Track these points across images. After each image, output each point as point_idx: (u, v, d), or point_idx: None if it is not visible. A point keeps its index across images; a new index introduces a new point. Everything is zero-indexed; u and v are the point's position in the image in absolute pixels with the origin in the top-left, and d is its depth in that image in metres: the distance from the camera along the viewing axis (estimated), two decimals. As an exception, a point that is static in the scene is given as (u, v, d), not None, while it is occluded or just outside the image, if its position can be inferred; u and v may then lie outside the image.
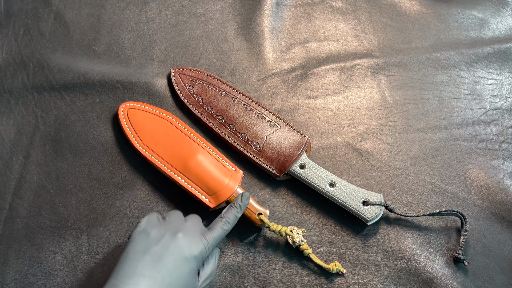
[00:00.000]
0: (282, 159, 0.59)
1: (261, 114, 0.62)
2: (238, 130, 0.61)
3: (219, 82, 0.64)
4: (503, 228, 0.59)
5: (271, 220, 0.58)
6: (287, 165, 0.58)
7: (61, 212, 0.59)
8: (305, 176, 0.58)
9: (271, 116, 0.62)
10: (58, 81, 0.66)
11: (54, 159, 0.62)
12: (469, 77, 0.69)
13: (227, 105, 0.62)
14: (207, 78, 0.64)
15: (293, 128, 0.61)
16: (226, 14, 0.73)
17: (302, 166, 0.58)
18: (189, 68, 0.65)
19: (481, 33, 0.72)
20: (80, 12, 0.71)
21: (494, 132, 0.65)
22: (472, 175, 0.62)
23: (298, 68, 0.69)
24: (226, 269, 0.56)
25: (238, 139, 0.61)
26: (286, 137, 0.60)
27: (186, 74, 0.65)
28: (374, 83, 0.68)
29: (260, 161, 0.60)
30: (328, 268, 0.55)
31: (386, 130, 0.65)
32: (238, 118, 0.61)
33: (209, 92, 0.63)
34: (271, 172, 0.59)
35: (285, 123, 0.61)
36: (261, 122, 0.61)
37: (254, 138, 0.60)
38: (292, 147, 0.59)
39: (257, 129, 0.61)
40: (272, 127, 0.61)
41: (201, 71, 0.65)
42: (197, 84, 0.64)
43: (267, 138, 0.60)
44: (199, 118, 0.62)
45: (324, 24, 0.73)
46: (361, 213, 0.56)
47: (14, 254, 0.57)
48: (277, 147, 0.60)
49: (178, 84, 0.64)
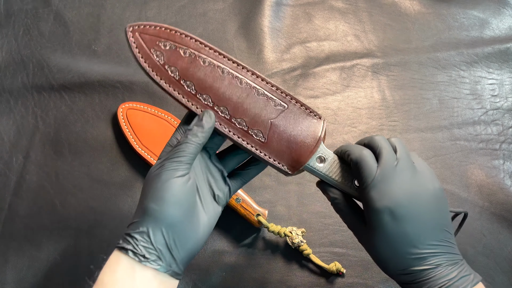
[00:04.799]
0: (294, 151, 0.45)
1: (261, 89, 0.46)
2: (233, 114, 0.45)
3: (199, 45, 0.46)
4: (503, 228, 0.59)
5: (271, 220, 0.58)
6: (302, 159, 0.45)
7: (60, 212, 0.59)
8: (326, 172, 0.45)
9: (274, 92, 0.46)
10: (57, 81, 0.66)
11: (53, 159, 0.62)
12: (470, 77, 0.69)
13: (214, 79, 0.45)
14: (181, 39, 0.46)
15: (304, 107, 0.46)
16: (226, 13, 0.73)
17: (322, 160, 0.45)
18: (153, 25, 0.46)
19: (482, 33, 0.72)
20: (80, 12, 0.71)
21: (494, 132, 0.65)
22: (472, 175, 0.62)
23: (298, 67, 0.69)
24: (226, 269, 0.56)
25: (234, 127, 0.45)
26: (297, 121, 0.45)
27: (150, 33, 0.45)
28: (374, 82, 0.68)
29: (266, 155, 0.45)
30: (328, 268, 0.55)
31: (387, 130, 0.65)
32: (231, 98, 0.45)
33: (186, 61, 0.45)
34: (281, 169, 0.46)
35: (293, 100, 0.46)
36: (262, 101, 0.45)
37: (256, 125, 0.45)
38: (306, 135, 0.45)
39: (258, 111, 0.45)
40: (277, 107, 0.45)
41: (171, 29, 0.46)
42: (167, 48, 0.45)
43: (272, 124, 0.45)
44: (176, 99, 0.45)
45: (324, 23, 0.73)
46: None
47: (13, 254, 0.57)
48: (286, 136, 0.45)
49: (140, 50, 0.45)
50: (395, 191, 0.39)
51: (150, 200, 0.39)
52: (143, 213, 0.39)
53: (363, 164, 0.40)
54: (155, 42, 0.45)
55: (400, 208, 0.38)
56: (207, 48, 0.46)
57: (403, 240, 0.38)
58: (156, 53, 0.45)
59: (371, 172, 0.40)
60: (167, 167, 0.39)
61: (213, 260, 0.57)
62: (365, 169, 0.40)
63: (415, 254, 0.38)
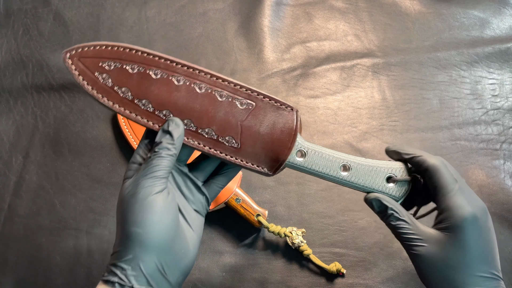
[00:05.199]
0: (271, 150, 0.43)
1: (223, 92, 0.42)
2: (199, 125, 0.42)
3: (146, 57, 0.42)
4: (504, 228, 0.58)
5: (271, 220, 0.58)
6: (281, 157, 0.42)
7: (60, 212, 0.59)
8: (308, 166, 0.43)
9: (237, 91, 0.42)
10: (57, 81, 0.66)
11: (53, 159, 0.62)
12: (470, 77, 0.68)
13: (170, 92, 0.41)
14: (125, 55, 0.42)
15: (273, 101, 0.43)
16: (226, 13, 0.73)
17: (302, 154, 0.43)
18: (92, 45, 0.41)
19: (482, 33, 0.72)
20: (80, 12, 0.71)
21: (495, 132, 0.65)
22: (473, 175, 0.62)
23: (299, 67, 0.69)
24: (225, 269, 0.56)
25: (203, 139, 0.42)
26: (268, 118, 0.42)
27: (90, 56, 0.41)
28: (374, 82, 0.68)
29: (242, 161, 0.42)
30: (328, 268, 0.55)
31: (387, 130, 0.65)
32: (193, 108, 0.41)
33: (135, 78, 0.41)
34: (261, 172, 0.43)
35: (260, 96, 0.42)
36: (226, 104, 0.42)
37: (225, 132, 0.42)
38: (280, 130, 0.42)
39: (224, 116, 0.42)
40: (243, 107, 0.42)
41: (112, 45, 0.42)
42: (113, 68, 0.41)
43: (243, 126, 0.42)
44: (135, 121, 0.42)
45: (324, 23, 0.73)
46: (388, 194, 0.44)
47: (13, 255, 0.56)
48: (259, 136, 0.42)
49: (84, 76, 0.41)
50: (476, 201, 0.39)
51: (131, 224, 0.35)
52: (126, 240, 0.35)
53: (445, 170, 0.40)
54: (97, 64, 0.41)
55: (482, 217, 0.39)
56: (156, 58, 0.42)
57: (481, 253, 0.38)
58: (102, 75, 0.41)
59: (452, 179, 0.40)
60: (143, 185, 0.36)
61: (213, 260, 0.57)
62: (447, 176, 0.40)
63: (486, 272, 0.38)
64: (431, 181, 0.40)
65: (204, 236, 0.58)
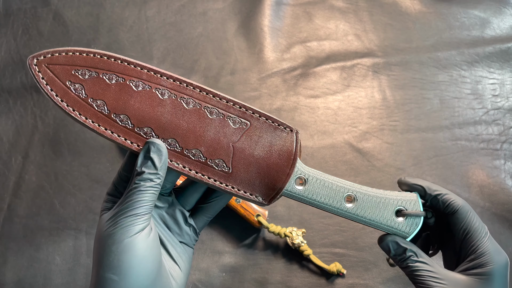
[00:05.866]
0: (266, 177, 0.37)
1: (214, 109, 0.37)
2: (185, 146, 0.36)
3: (126, 66, 0.36)
4: (504, 228, 0.58)
5: (271, 221, 0.58)
6: (278, 185, 0.38)
7: (60, 212, 0.59)
8: (308, 196, 0.39)
9: (230, 108, 0.37)
10: (57, 80, 0.66)
11: (52, 159, 0.61)
12: (471, 77, 0.68)
13: (153, 106, 0.36)
14: (103, 63, 0.36)
15: (270, 121, 0.38)
16: (226, 13, 0.72)
17: (302, 181, 0.38)
18: (63, 50, 0.36)
19: (483, 33, 0.72)
20: (79, 11, 0.71)
21: (495, 132, 0.64)
22: (473, 175, 0.62)
23: (299, 67, 0.69)
24: (225, 270, 0.56)
25: (189, 161, 0.37)
26: (264, 139, 0.38)
27: (61, 63, 0.36)
28: (375, 82, 0.68)
29: (234, 188, 0.37)
30: (328, 269, 0.55)
31: (387, 130, 0.64)
32: (179, 125, 0.36)
33: (113, 90, 0.36)
34: (255, 201, 0.38)
35: (256, 115, 0.38)
36: (217, 122, 0.37)
37: (215, 154, 0.37)
38: (278, 154, 0.38)
39: (214, 136, 0.37)
40: (236, 126, 0.37)
41: (88, 51, 0.36)
42: (87, 78, 0.36)
43: (235, 148, 0.37)
44: (110, 139, 0.36)
45: (324, 23, 0.72)
46: (398, 230, 0.39)
47: (12, 255, 0.56)
48: (253, 160, 0.37)
49: (52, 86, 0.36)
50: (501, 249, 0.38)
51: (106, 269, 0.32)
52: (101, 286, 0.32)
53: (474, 212, 0.38)
54: (70, 72, 0.36)
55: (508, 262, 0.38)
56: (138, 68, 0.36)
57: None
58: (74, 86, 0.36)
59: (482, 223, 0.38)
60: (122, 224, 0.32)
61: (213, 260, 0.57)
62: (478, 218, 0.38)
63: None
64: (460, 223, 0.38)
65: (204, 236, 0.58)
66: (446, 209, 0.39)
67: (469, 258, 0.37)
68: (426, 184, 0.40)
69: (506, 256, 0.38)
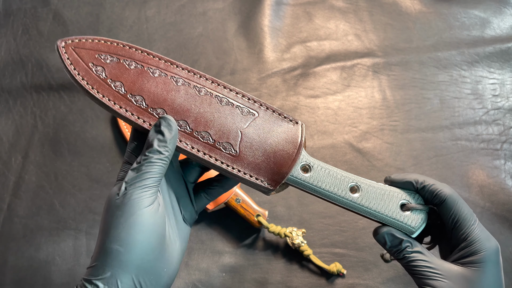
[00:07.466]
0: (273, 161, 0.39)
1: (224, 98, 0.40)
2: (195, 127, 0.39)
3: (146, 55, 0.40)
4: (505, 228, 0.58)
5: (271, 221, 0.58)
6: (284, 169, 0.39)
7: (59, 212, 0.59)
8: (313, 183, 0.39)
9: (240, 99, 0.40)
10: (56, 80, 0.66)
11: (52, 159, 0.61)
12: (471, 77, 0.68)
13: (168, 91, 0.39)
14: (124, 51, 0.40)
15: (277, 113, 0.40)
16: (226, 13, 0.72)
17: (306, 169, 0.39)
18: (90, 38, 0.40)
19: (483, 33, 0.72)
20: (79, 11, 0.71)
21: (496, 132, 0.64)
22: (473, 175, 0.62)
23: (299, 67, 0.69)
24: (225, 270, 0.56)
25: (198, 142, 0.39)
26: (272, 128, 0.40)
27: (87, 47, 0.40)
28: (375, 82, 0.68)
29: (240, 171, 0.39)
30: (328, 269, 0.55)
31: (387, 130, 0.64)
32: (191, 109, 0.39)
33: (132, 73, 0.39)
34: (260, 186, 0.39)
35: (264, 107, 0.40)
36: (227, 109, 0.39)
37: (223, 137, 0.39)
38: (285, 142, 0.40)
39: (224, 121, 0.39)
40: (246, 115, 0.40)
41: (111, 41, 0.40)
42: (109, 62, 0.39)
43: (243, 133, 0.39)
44: (125, 117, 0.39)
45: (324, 23, 0.72)
46: (403, 223, 0.39)
47: (12, 255, 0.56)
48: (261, 145, 0.39)
49: (76, 66, 0.39)
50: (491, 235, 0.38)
51: (113, 240, 0.33)
52: (105, 255, 0.33)
53: (462, 200, 0.38)
54: (93, 56, 0.39)
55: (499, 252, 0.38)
56: (156, 58, 0.40)
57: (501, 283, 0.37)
58: (96, 67, 0.39)
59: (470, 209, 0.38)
60: (131, 196, 0.33)
61: (213, 260, 0.57)
62: (466, 206, 0.38)
63: None
64: (449, 212, 0.38)
65: (204, 236, 0.58)
66: (434, 200, 0.38)
67: (460, 246, 0.38)
68: (413, 177, 0.40)
69: (496, 242, 0.38)
